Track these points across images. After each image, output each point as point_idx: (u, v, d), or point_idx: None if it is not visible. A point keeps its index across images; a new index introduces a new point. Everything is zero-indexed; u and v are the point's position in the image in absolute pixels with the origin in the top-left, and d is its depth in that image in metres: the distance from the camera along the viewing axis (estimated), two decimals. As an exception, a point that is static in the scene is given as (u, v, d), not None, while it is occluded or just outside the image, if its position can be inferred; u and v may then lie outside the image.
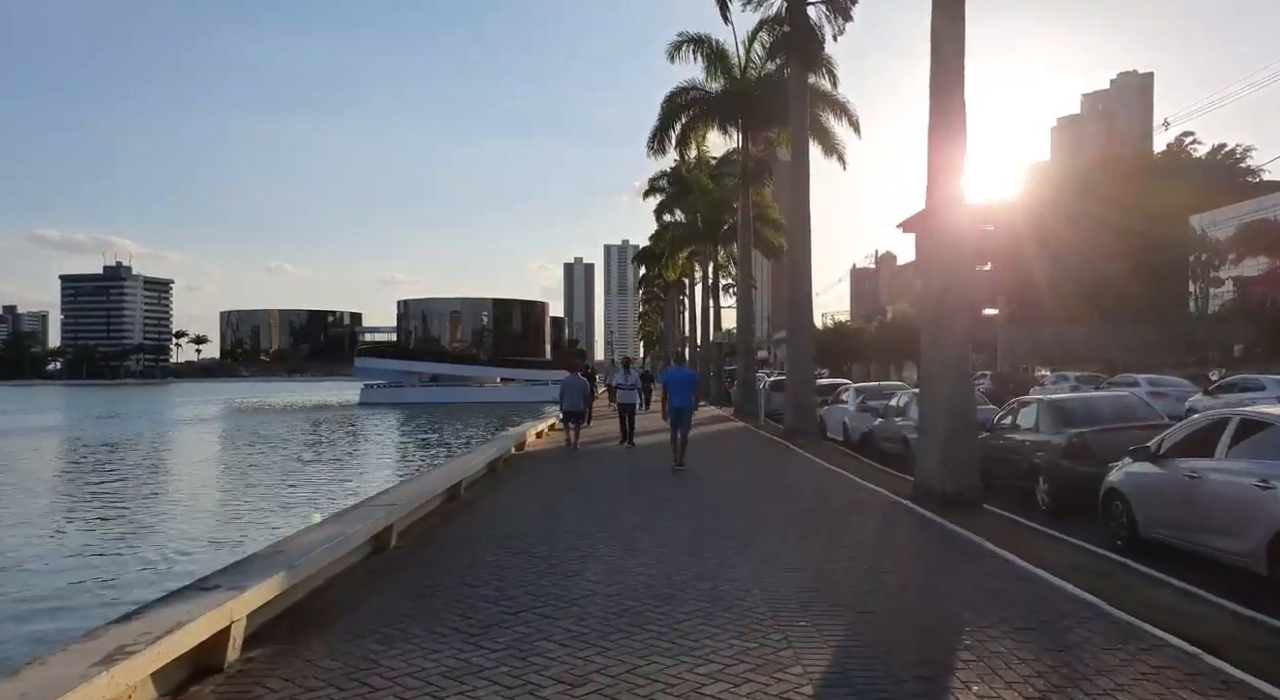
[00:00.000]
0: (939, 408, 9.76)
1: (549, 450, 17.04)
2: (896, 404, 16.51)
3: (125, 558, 13.37)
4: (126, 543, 14.72)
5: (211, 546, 13.98)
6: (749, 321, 28.96)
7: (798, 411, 18.78)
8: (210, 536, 15.16)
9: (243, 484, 23.14)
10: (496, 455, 12.69)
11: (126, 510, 18.49)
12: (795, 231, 19.51)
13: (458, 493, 10.11)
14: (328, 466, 27.59)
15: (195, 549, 13.87)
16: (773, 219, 36.14)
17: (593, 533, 7.99)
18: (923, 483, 9.89)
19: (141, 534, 15.54)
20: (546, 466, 13.73)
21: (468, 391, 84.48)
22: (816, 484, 11.45)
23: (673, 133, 28.05)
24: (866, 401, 19.00)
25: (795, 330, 19.45)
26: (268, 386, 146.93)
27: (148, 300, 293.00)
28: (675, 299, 72.34)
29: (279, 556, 5.25)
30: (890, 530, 8.24)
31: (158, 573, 11.97)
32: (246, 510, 18.22)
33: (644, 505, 9.73)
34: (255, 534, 14.41)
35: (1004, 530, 8.36)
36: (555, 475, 12.43)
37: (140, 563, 12.98)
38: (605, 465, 13.50)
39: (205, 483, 24.16)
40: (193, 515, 17.70)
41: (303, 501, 19.03)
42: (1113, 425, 10.30)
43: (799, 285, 19.35)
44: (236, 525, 16.31)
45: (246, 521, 16.66)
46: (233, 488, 22.71)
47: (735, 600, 5.52)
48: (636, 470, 13.02)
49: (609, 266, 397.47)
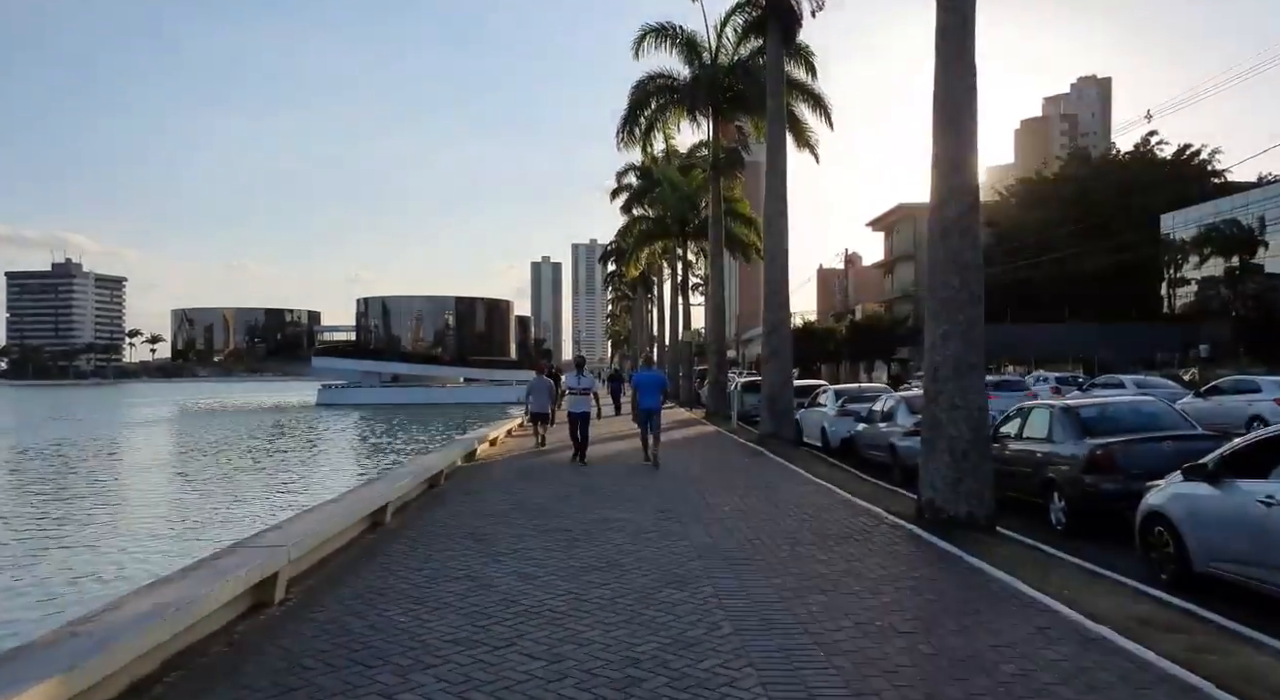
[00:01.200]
0: (949, 415, 8.40)
1: (503, 461, 15.46)
2: (881, 409, 15.22)
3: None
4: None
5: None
6: (721, 319, 27.58)
7: (774, 415, 17.42)
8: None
9: (146, 502, 20.23)
10: (436, 470, 11.08)
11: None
12: (772, 219, 18.16)
13: (383, 518, 8.53)
14: (258, 476, 25.51)
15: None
16: (743, 214, 34.87)
17: (535, 576, 6.50)
18: (929, 502, 8.53)
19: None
20: (494, 487, 12.08)
21: (430, 392, 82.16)
22: (802, 502, 10.04)
23: (641, 121, 26.61)
24: (847, 405, 17.72)
25: (772, 327, 18.09)
26: (225, 387, 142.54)
27: (99, 298, 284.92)
28: (644, 298, 70.99)
29: (73, 641, 3.65)
30: (901, 567, 6.82)
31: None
32: (123, 544, 14.89)
33: (598, 541, 8.23)
34: (84, 593, 10.92)
35: (1032, 563, 7.01)
36: (499, 499, 10.85)
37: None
38: (558, 485, 11.94)
39: (104, 500, 20.74)
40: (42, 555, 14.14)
41: (204, 525, 16.51)
42: (1139, 435, 9.04)
43: (775, 278, 18.02)
44: (86, 566, 13.15)
45: (109, 561, 13.34)
46: (134, 507, 19.56)
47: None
48: (593, 492, 11.51)
49: (577, 266, 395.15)
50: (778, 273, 18.08)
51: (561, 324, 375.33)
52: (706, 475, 12.76)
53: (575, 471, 13.25)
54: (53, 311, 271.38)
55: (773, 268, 18.15)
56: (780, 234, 18.11)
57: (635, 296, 75.21)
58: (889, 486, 12.35)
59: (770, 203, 18.24)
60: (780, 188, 18.15)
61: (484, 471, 13.62)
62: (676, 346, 43.79)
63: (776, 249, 18.09)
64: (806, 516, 9.05)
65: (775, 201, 18.06)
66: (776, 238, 18.18)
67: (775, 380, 17.73)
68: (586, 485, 11.74)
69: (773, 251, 18.20)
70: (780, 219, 18.10)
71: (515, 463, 14.81)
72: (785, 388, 17.77)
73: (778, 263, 18.09)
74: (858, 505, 9.75)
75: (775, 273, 18.09)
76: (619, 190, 45.13)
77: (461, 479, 12.54)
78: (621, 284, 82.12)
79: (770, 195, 18.25)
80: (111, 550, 14.37)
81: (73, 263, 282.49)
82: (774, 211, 18.15)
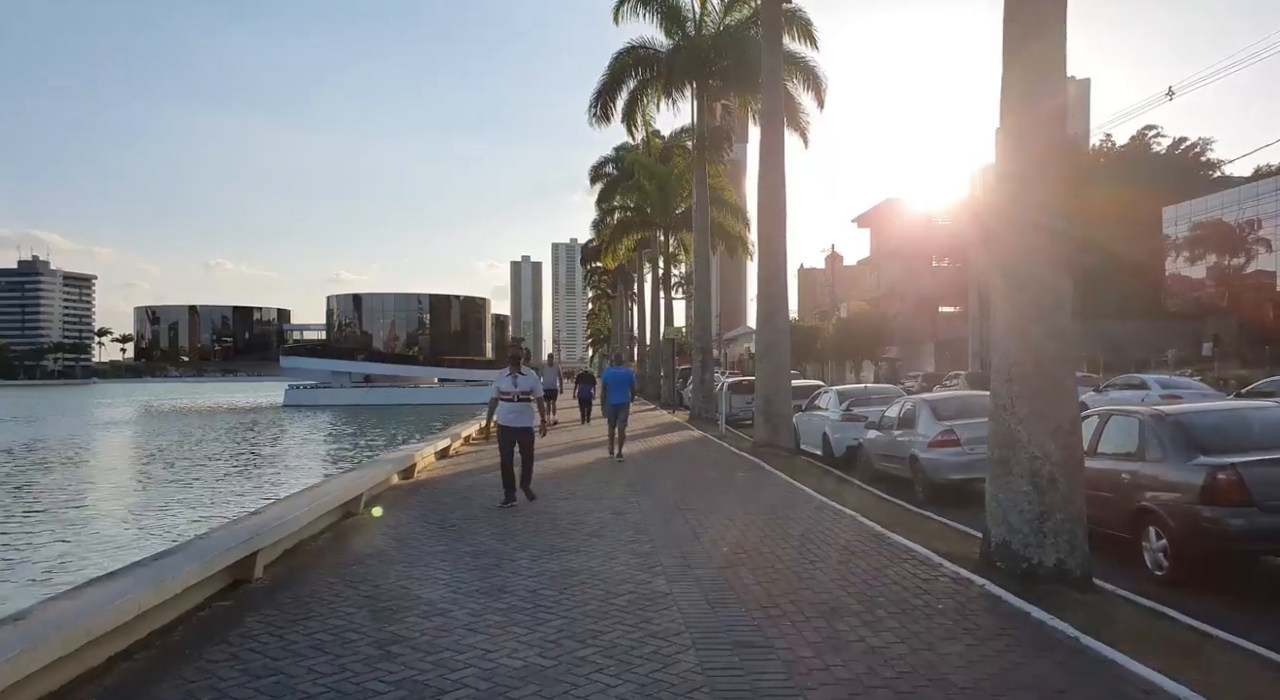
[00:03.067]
0: (1030, 429, 6.16)
1: (446, 479, 13.07)
2: (898, 414, 12.98)
3: None
4: None
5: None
6: (707, 312, 25.29)
7: (770, 421, 15.16)
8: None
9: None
10: (336, 503, 8.59)
11: None
12: (767, 198, 15.89)
13: (251, 574, 6.14)
14: (165, 489, 22.73)
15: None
16: (729, 202, 32.65)
17: (440, 693, 4.17)
18: (1003, 546, 6.28)
19: None
20: (423, 517, 9.63)
21: (402, 393, 79.38)
22: (823, 538, 7.77)
23: (620, 96, 24.29)
24: (852, 408, 15.49)
25: (766, 318, 15.81)
26: (195, 387, 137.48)
27: (68, 297, 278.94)
28: (624, 295, 68.72)
29: None
30: (995, 659, 4.55)
31: None
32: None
33: (549, 612, 5.91)
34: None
35: (1170, 643, 4.80)
36: (426, 539, 8.48)
37: None
38: (506, 515, 9.57)
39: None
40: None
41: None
42: (1273, 453, 6.86)
43: (772, 264, 15.75)
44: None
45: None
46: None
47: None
48: (552, 523, 9.19)
49: (557, 266, 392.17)
50: (774, 259, 15.83)
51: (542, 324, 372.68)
52: (695, 495, 10.47)
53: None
54: (19, 310, 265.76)
55: (768, 253, 15.88)
56: (777, 215, 15.86)
57: (615, 294, 72.93)
58: (915, 509, 10.17)
59: (765, 178, 15.97)
60: (776, 161, 15.91)
61: (419, 493, 11.24)
62: (658, 345, 41.52)
63: (773, 231, 15.84)
64: (836, 563, 6.76)
65: (771, 175, 15.80)
66: (773, 219, 15.92)
67: (771, 381, 15.45)
68: (544, 512, 9.41)
69: (768, 234, 15.94)
70: (777, 197, 15.84)
71: (462, 481, 12.43)
72: (783, 390, 15.48)
73: (774, 247, 15.83)
74: (897, 544, 7.48)
75: (771, 258, 15.83)
76: (596, 179, 42.85)
77: (391, 502, 10.16)
78: (601, 281, 79.78)
79: (765, 169, 15.99)
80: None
81: (40, 260, 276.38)
82: (770, 187, 15.88)
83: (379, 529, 8.52)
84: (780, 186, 15.84)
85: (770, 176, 15.82)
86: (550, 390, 21.92)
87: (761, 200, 16.06)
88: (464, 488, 11.45)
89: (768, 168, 15.87)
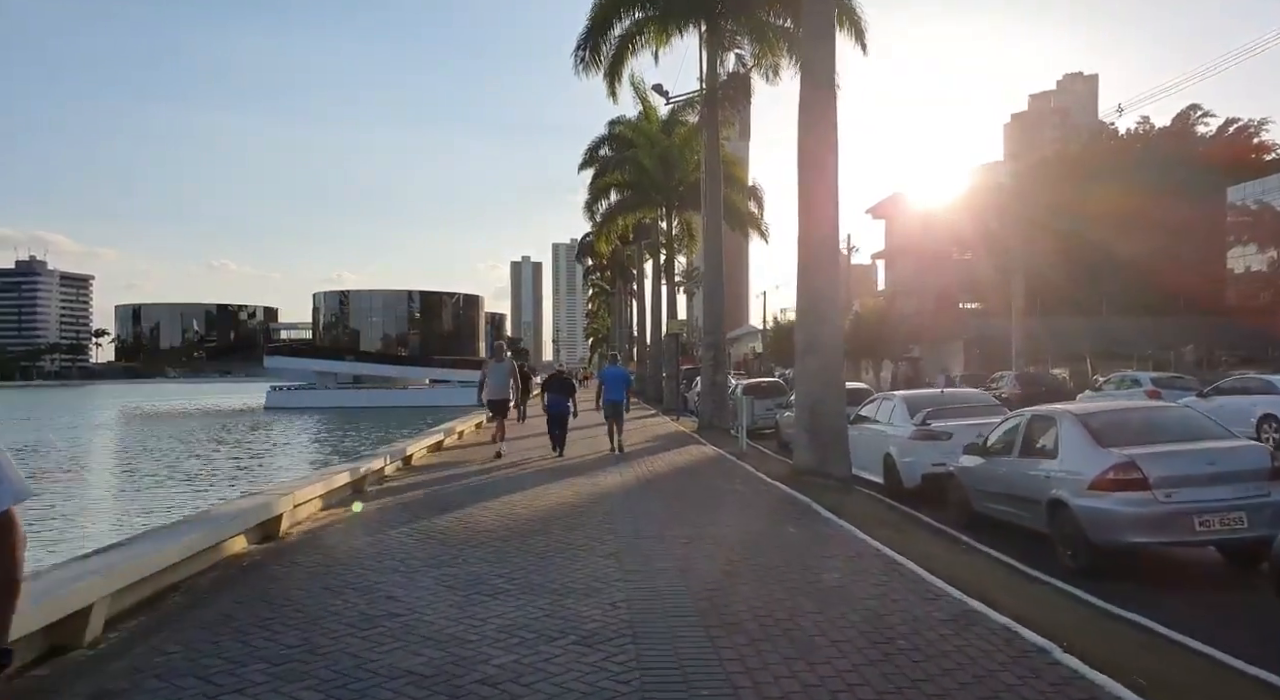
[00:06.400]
0: None
1: (387, 510, 8.90)
2: (1020, 435, 8.77)
3: None
4: None
5: None
6: (719, 300, 21.05)
7: (818, 441, 10.96)
8: None
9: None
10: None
11: None
12: (812, 145, 11.64)
13: None
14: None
15: None
16: (737, 178, 28.48)
17: None
18: None
19: None
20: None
21: (390, 394, 75.25)
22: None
23: (610, 39, 20.11)
24: (929, 422, 11.34)
25: (811, 310, 11.59)
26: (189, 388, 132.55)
27: (65, 297, 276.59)
28: (622, 292, 64.68)
29: None
30: None
31: None
32: None
33: None
34: None
35: None
36: (337, 619, 4.41)
37: None
38: (460, 568, 5.45)
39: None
40: None
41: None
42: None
43: (816, 238, 11.53)
44: None
45: None
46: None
47: None
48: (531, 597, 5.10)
49: (557, 266, 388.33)
50: (820, 227, 11.55)
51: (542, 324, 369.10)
52: (723, 573, 6.27)
53: (498, 546, 6.70)
54: (15, 310, 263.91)
55: (812, 222, 11.60)
56: (826, 167, 11.60)
57: (613, 291, 68.88)
58: (1068, 588, 6.10)
59: (809, 122, 11.72)
60: (825, 100, 11.66)
61: (357, 525, 7.08)
62: (659, 343, 37.39)
63: (820, 186, 11.61)
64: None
65: (816, 116, 11.59)
66: (819, 172, 11.68)
67: (817, 386, 11.21)
68: (511, 577, 5.27)
69: (812, 190, 11.68)
70: (826, 144, 11.59)
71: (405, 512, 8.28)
72: (833, 398, 11.14)
73: (820, 213, 11.54)
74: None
75: (815, 227, 11.56)
76: (588, 163, 38.38)
77: (320, 534, 6.04)
78: (600, 279, 75.64)
79: (807, 110, 11.73)
80: None
81: (37, 260, 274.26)
82: (816, 129, 11.65)
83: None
84: (830, 134, 11.59)
85: (814, 117, 11.55)
86: (496, 402, 14.12)
87: (804, 153, 11.73)
88: (351, 561, 7.21)
89: (811, 110, 11.56)
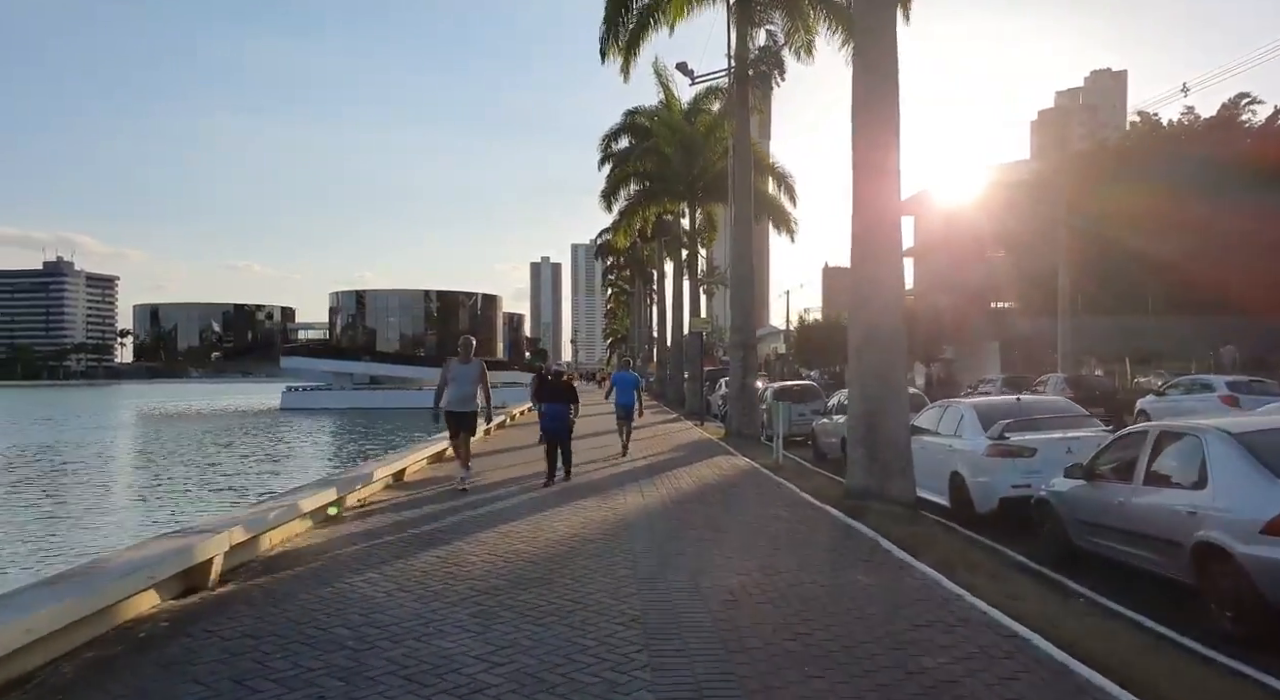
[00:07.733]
0: None
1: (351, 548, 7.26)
2: (1142, 454, 7.00)
3: None
4: None
5: None
6: (748, 293, 19.27)
7: (877, 457, 9.13)
8: None
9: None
10: None
11: None
12: (870, 119, 9.80)
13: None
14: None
15: None
16: (766, 165, 26.71)
17: None
18: None
19: None
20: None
21: (405, 395, 73.88)
22: None
23: (631, 12, 18.49)
24: (1005, 434, 9.54)
25: (864, 298, 9.84)
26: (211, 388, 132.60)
27: (91, 297, 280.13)
28: (642, 292, 63.09)
29: None
30: None
31: None
32: None
33: None
34: None
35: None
36: None
37: None
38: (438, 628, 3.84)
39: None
40: None
41: None
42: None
43: (872, 214, 9.76)
44: None
45: None
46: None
47: None
48: None
49: (577, 266, 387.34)
50: (877, 200, 9.78)
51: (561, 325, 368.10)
52: (786, 652, 4.55)
53: (484, 604, 5.03)
54: (43, 311, 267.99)
55: (869, 195, 9.85)
56: (885, 126, 9.79)
57: (633, 290, 67.26)
58: (1242, 667, 4.37)
59: (865, 84, 9.95)
60: (887, 61, 9.88)
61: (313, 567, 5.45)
62: (680, 344, 35.66)
63: (881, 159, 9.83)
64: None
65: (877, 80, 9.83)
66: (877, 149, 9.86)
67: (876, 385, 9.40)
68: (491, 659, 3.62)
69: (870, 161, 9.90)
70: (886, 99, 9.81)
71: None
72: (895, 405, 9.32)
73: (879, 184, 9.79)
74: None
75: (872, 201, 9.79)
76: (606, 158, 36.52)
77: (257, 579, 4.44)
78: (619, 278, 74.06)
79: (866, 73, 9.95)
80: None
81: (64, 261, 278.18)
82: (876, 99, 9.88)
83: None
84: (893, 89, 9.81)
85: (872, 82, 9.79)
86: (458, 415, 10.69)
87: (860, 129, 9.89)
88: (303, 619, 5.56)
89: (870, 73, 9.80)
